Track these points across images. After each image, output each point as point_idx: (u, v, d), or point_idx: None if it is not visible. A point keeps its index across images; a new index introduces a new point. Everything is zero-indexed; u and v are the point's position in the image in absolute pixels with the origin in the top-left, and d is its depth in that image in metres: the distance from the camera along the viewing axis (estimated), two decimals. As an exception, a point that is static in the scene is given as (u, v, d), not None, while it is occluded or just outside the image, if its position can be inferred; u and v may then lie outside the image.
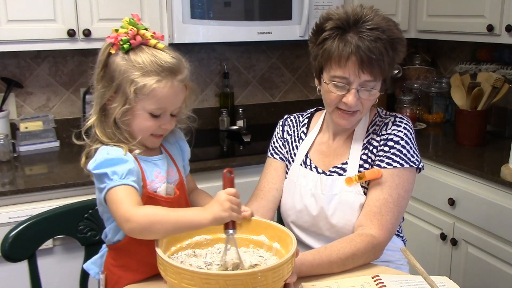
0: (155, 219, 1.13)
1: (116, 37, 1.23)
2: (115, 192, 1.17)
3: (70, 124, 2.54)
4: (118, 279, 1.30)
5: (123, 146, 1.23)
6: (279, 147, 1.63)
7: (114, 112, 1.22)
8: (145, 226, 1.13)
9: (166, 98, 1.22)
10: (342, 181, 1.47)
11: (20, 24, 2.12)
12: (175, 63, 1.23)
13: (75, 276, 1.56)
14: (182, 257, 1.20)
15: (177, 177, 1.35)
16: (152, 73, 1.20)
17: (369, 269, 1.37)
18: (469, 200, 2.14)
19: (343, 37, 1.36)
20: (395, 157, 1.43)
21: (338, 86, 1.39)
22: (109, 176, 1.17)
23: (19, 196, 1.94)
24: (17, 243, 1.40)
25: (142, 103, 1.22)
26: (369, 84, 1.38)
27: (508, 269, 2.01)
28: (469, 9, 2.48)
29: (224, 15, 2.40)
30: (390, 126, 1.47)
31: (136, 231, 1.14)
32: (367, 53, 1.33)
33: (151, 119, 1.24)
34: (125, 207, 1.14)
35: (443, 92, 2.94)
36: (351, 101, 1.38)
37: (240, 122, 2.82)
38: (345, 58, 1.35)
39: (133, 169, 1.20)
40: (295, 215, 1.54)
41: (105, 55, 1.25)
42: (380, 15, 1.40)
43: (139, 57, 1.21)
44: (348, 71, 1.36)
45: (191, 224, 1.14)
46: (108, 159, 1.19)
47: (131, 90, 1.19)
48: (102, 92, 1.24)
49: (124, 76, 1.20)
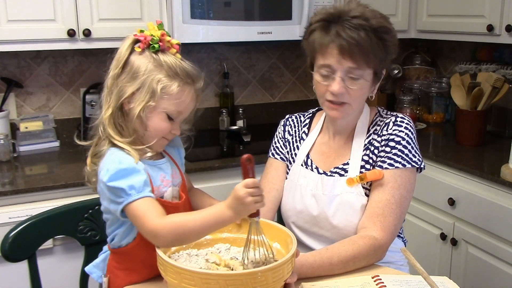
0: (183, 227, 1.12)
1: (145, 36, 1.24)
2: (136, 207, 1.15)
3: (70, 124, 2.56)
4: (121, 281, 1.29)
5: (133, 153, 1.21)
6: (280, 147, 1.63)
7: (135, 108, 1.21)
8: (175, 236, 1.13)
9: (186, 103, 1.25)
10: (343, 182, 1.46)
11: (20, 24, 2.12)
12: (196, 72, 1.27)
13: (75, 276, 1.56)
14: (184, 257, 1.20)
15: (180, 179, 1.35)
16: (178, 76, 1.23)
17: (369, 269, 1.36)
18: (469, 200, 2.14)
19: (327, 27, 1.39)
20: (396, 157, 1.43)
21: (324, 75, 1.40)
22: (127, 191, 1.15)
23: (19, 196, 1.94)
24: (17, 243, 1.40)
25: (165, 103, 1.22)
26: (355, 72, 1.38)
27: (508, 269, 2.01)
28: (469, 9, 2.48)
29: (224, 15, 2.39)
30: (391, 126, 1.47)
31: (168, 243, 1.15)
32: (347, 39, 1.35)
33: (167, 121, 1.25)
34: (150, 222, 1.13)
35: (443, 92, 2.94)
36: (335, 88, 1.38)
37: (240, 122, 2.82)
38: (326, 46, 1.37)
39: (147, 180, 1.19)
40: (295, 215, 1.54)
41: (127, 53, 1.24)
42: (367, 8, 1.42)
43: (167, 59, 1.23)
44: (330, 58, 1.38)
45: (217, 224, 1.13)
46: (122, 169, 1.17)
47: (158, 88, 1.20)
48: (123, 87, 1.22)
49: (150, 74, 1.21)
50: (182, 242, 1.18)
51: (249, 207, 1.10)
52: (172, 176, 1.31)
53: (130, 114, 1.22)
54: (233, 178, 2.26)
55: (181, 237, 1.14)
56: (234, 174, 2.26)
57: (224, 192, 2.21)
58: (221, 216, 1.12)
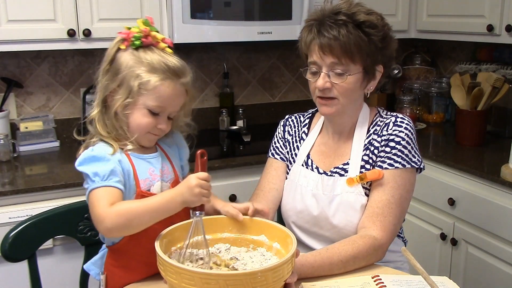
0: (130, 214, 1.15)
1: (128, 33, 1.26)
2: (94, 194, 1.19)
3: (70, 124, 2.56)
4: (118, 279, 1.30)
5: (114, 144, 1.26)
6: (280, 147, 1.63)
7: (116, 104, 1.24)
8: (122, 223, 1.15)
9: (167, 98, 1.25)
10: (343, 181, 1.46)
11: (20, 24, 2.12)
12: (180, 66, 1.27)
13: (75, 276, 1.56)
14: (184, 256, 1.20)
15: (172, 176, 1.36)
16: (158, 71, 1.23)
17: (369, 269, 1.36)
18: (469, 200, 2.14)
19: (312, 27, 1.44)
20: (396, 157, 1.43)
21: (312, 72, 1.45)
22: (91, 177, 1.19)
23: (19, 196, 1.94)
24: (17, 243, 1.40)
25: (144, 99, 1.24)
26: (338, 67, 1.40)
27: (508, 269, 2.01)
28: (469, 9, 2.48)
29: (224, 15, 2.39)
30: (391, 127, 1.47)
31: (113, 230, 1.17)
32: (326, 36, 1.39)
33: (150, 116, 1.26)
34: (99, 208, 1.16)
35: (443, 92, 2.94)
36: (319, 83, 1.42)
37: (240, 122, 2.82)
38: (309, 43, 1.43)
39: (115, 169, 1.21)
40: (295, 215, 1.54)
41: (114, 50, 1.27)
42: (359, 5, 1.44)
43: (148, 55, 1.25)
44: (314, 55, 1.43)
45: (164, 210, 1.17)
46: (91, 156, 1.22)
47: (136, 84, 1.22)
48: (106, 85, 1.26)
49: (130, 70, 1.23)
50: (129, 228, 1.17)
51: (196, 198, 1.15)
52: (161, 171, 1.32)
53: (113, 109, 1.25)
54: (233, 178, 2.26)
55: (126, 223, 1.15)
56: (234, 174, 2.26)
57: (224, 192, 2.23)
58: (170, 202, 1.16)
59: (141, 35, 1.25)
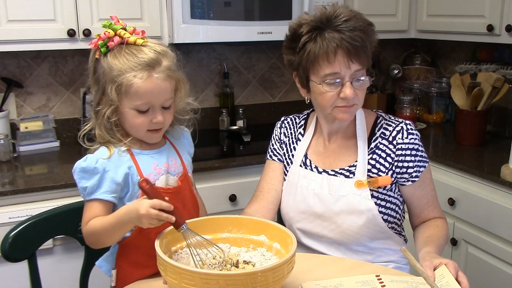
0: (96, 232, 1.24)
1: (95, 42, 1.27)
2: (84, 207, 1.29)
3: (70, 124, 2.56)
4: (128, 274, 1.32)
5: (112, 148, 1.29)
6: (277, 149, 1.63)
7: (104, 113, 1.26)
8: (94, 240, 1.27)
9: (148, 92, 1.24)
10: (350, 183, 1.47)
11: (20, 24, 2.11)
12: (152, 57, 1.24)
13: (75, 276, 1.56)
14: (184, 255, 1.20)
15: (181, 170, 1.37)
16: (129, 70, 1.23)
17: (370, 269, 1.37)
18: (469, 200, 2.14)
19: (322, 35, 1.38)
20: (421, 162, 1.50)
21: (331, 84, 1.39)
22: (81, 191, 1.27)
23: (19, 196, 1.94)
24: (17, 243, 1.40)
25: (126, 101, 1.25)
26: (359, 74, 1.40)
27: (508, 269, 2.01)
28: (469, 9, 2.48)
29: (224, 15, 2.39)
30: (406, 135, 1.49)
31: (92, 246, 1.30)
32: (352, 42, 1.35)
33: (140, 115, 1.26)
34: (82, 225, 1.28)
35: (443, 92, 2.94)
36: (349, 93, 1.38)
37: (240, 122, 2.82)
38: (333, 52, 1.36)
39: (103, 179, 1.25)
40: (297, 216, 1.54)
41: (93, 61, 1.30)
42: (345, 7, 1.44)
43: (115, 58, 1.25)
44: (338, 65, 1.37)
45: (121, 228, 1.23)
46: (80, 168, 1.26)
47: (112, 90, 1.23)
48: (94, 95, 1.30)
49: (106, 78, 1.25)
50: (102, 243, 1.28)
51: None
52: (167, 165, 1.34)
53: (103, 118, 1.27)
54: (233, 178, 2.26)
55: (98, 239, 1.27)
56: (234, 174, 2.26)
57: (224, 192, 2.23)
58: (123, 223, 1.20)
59: (106, 40, 1.25)
